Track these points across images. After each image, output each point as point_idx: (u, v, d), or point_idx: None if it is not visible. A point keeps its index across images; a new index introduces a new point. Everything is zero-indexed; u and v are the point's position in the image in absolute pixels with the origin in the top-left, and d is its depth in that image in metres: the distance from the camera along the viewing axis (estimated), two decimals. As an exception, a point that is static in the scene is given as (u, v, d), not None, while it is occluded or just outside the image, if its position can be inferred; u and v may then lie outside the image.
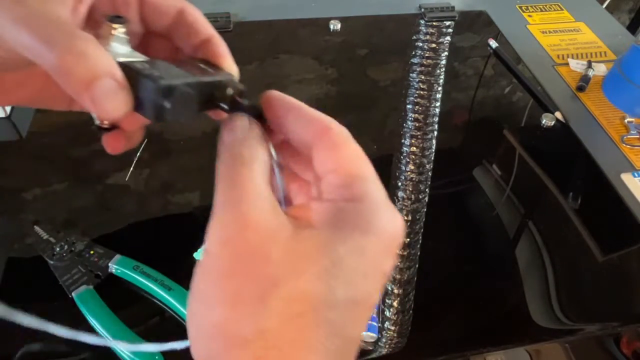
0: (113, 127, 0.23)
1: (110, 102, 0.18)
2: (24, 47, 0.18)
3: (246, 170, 0.19)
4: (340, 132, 0.21)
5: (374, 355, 0.45)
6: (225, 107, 0.21)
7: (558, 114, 0.68)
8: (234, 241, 0.18)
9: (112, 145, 0.23)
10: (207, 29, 0.23)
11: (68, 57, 0.18)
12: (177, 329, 0.46)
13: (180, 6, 0.23)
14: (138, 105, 0.20)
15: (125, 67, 0.19)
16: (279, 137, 0.22)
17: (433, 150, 0.65)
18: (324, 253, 0.18)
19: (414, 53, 0.78)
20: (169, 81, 0.19)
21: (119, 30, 0.21)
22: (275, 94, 0.21)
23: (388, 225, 0.19)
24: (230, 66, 0.23)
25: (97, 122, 0.22)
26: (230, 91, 0.22)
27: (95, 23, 0.22)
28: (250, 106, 0.21)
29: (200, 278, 0.18)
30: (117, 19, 0.21)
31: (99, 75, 0.18)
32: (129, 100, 0.19)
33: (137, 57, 0.22)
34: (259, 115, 0.21)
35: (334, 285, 0.17)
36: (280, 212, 0.19)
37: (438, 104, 0.71)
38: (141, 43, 0.24)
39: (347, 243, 0.18)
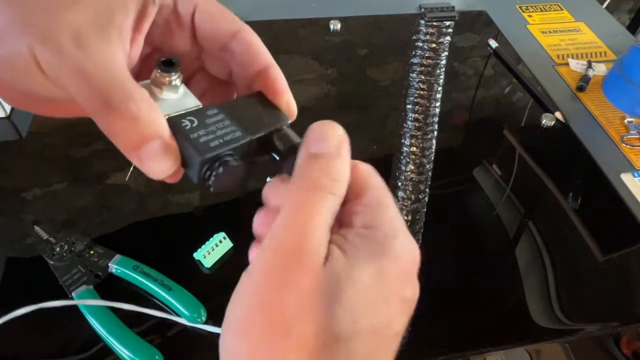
0: None
1: (156, 164, 0.19)
2: (80, 98, 0.18)
3: (321, 205, 0.19)
4: (368, 169, 0.21)
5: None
6: (277, 157, 0.21)
7: (558, 114, 0.68)
8: (278, 272, 0.17)
9: (173, 179, 0.23)
10: (264, 58, 0.23)
11: (120, 122, 0.18)
12: (177, 329, 0.46)
13: (235, 29, 0.22)
14: (184, 164, 0.19)
15: (172, 123, 0.19)
16: None
17: (433, 150, 0.65)
18: (347, 282, 0.17)
19: (414, 53, 0.78)
20: (213, 152, 0.19)
21: (173, 77, 0.21)
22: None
23: (403, 249, 0.19)
24: (288, 104, 0.22)
25: None
26: (283, 144, 0.21)
27: (151, 43, 0.22)
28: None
29: (236, 301, 0.18)
30: (168, 68, 0.20)
31: (148, 139, 0.18)
32: (175, 162, 0.19)
33: (190, 102, 0.21)
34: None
35: (357, 315, 0.17)
36: (326, 249, 0.19)
37: (438, 104, 0.71)
38: (197, 59, 0.24)
39: (368, 268, 0.18)
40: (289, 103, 0.22)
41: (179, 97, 0.21)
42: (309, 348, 0.17)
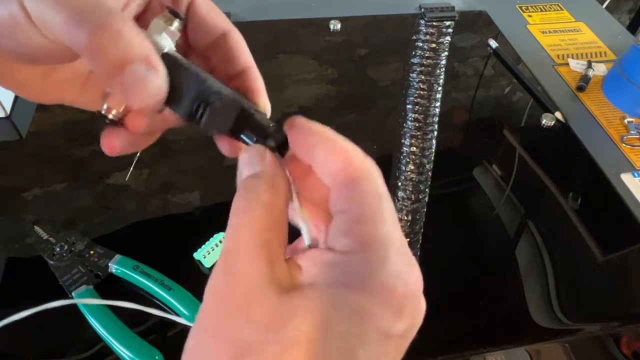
0: (118, 122, 0.21)
1: (142, 90, 0.17)
2: (60, 29, 0.16)
3: (247, 218, 0.17)
4: (363, 166, 0.18)
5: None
6: (249, 142, 0.20)
7: (558, 114, 0.68)
8: (221, 295, 0.16)
9: (108, 144, 0.21)
10: (247, 59, 0.22)
11: (100, 35, 0.16)
12: (177, 329, 0.46)
13: (226, 28, 0.22)
14: (172, 100, 0.18)
15: (168, 57, 0.18)
16: (305, 168, 0.20)
17: (433, 150, 0.65)
18: (310, 317, 0.15)
19: (414, 53, 0.78)
20: (218, 86, 0.18)
21: (175, 24, 0.20)
22: (301, 120, 0.20)
23: (394, 280, 0.16)
24: (265, 105, 0.22)
25: (104, 110, 0.20)
26: (262, 128, 0.20)
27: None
28: (275, 139, 0.20)
29: (194, 330, 0.17)
30: (176, 13, 0.20)
31: (133, 59, 0.17)
32: (163, 90, 0.18)
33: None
34: (284, 144, 0.20)
35: (320, 357, 0.15)
36: (278, 265, 0.17)
37: (438, 104, 0.71)
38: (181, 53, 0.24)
39: (340, 304, 0.16)
40: (266, 105, 0.23)
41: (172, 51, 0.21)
42: None
